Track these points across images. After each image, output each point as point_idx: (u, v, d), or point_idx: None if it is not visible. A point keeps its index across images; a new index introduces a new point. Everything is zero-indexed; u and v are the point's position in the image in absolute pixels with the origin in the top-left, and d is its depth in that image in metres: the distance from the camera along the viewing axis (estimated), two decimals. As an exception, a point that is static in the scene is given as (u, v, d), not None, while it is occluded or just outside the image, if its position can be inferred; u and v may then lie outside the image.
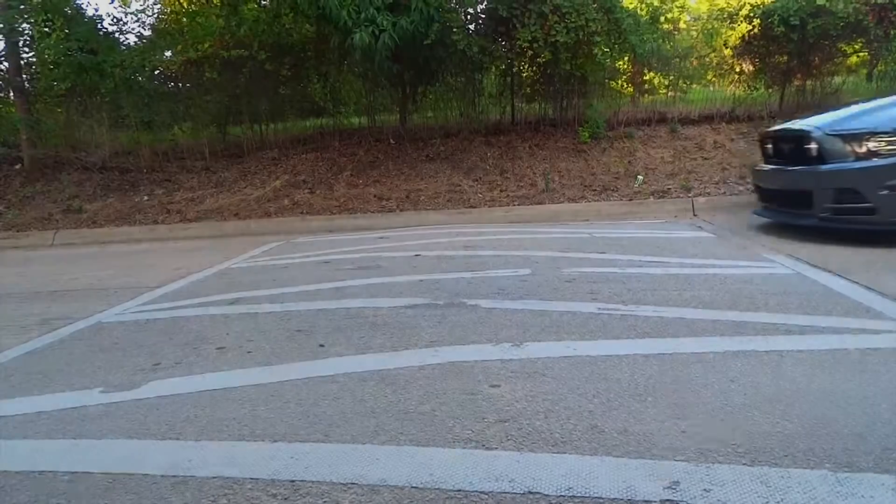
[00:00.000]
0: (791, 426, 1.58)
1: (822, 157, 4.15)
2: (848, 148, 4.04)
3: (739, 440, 1.51)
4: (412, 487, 1.39)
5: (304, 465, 1.52)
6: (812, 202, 4.18)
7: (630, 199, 6.48)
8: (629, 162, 7.28)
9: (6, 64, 9.28)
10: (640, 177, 6.92)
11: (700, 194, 6.48)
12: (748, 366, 2.00)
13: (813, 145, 4.20)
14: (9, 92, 9.62)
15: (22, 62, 9.41)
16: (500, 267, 3.67)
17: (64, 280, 4.43)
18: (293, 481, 1.45)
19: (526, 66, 8.29)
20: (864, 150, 4.00)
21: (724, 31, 8.81)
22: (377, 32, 6.69)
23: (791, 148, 4.51)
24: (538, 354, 2.20)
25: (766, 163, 4.91)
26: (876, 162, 3.96)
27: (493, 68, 8.36)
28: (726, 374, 1.94)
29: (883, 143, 3.95)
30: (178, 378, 2.21)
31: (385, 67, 7.34)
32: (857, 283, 2.97)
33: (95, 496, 1.43)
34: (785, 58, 8.03)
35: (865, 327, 2.32)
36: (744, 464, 1.41)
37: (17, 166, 8.98)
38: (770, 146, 4.86)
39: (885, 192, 3.92)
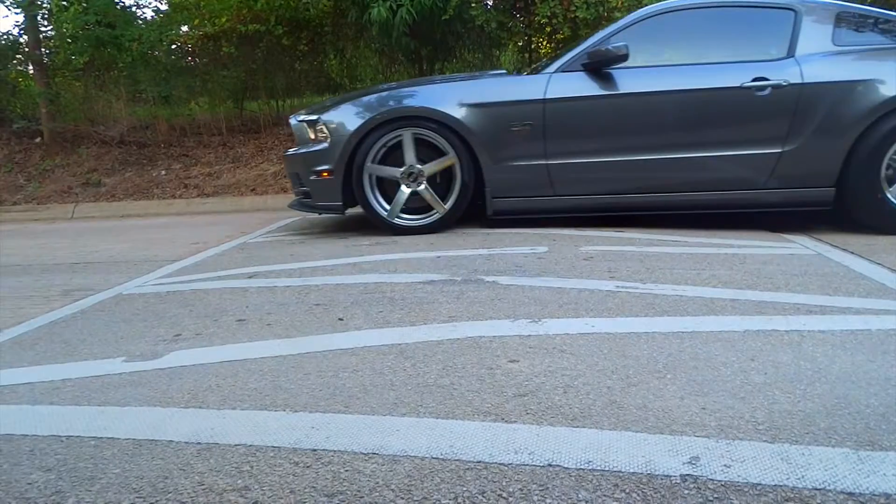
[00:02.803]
0: (812, 405, 1.57)
1: (295, 142, 4.44)
2: (308, 134, 4.28)
3: (760, 418, 1.51)
4: (432, 458, 1.40)
5: (325, 435, 1.53)
6: (294, 185, 4.52)
7: (648, 179, 6.42)
8: (648, 141, 7.20)
9: (26, 37, 9.32)
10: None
11: (719, 174, 6.40)
12: (768, 345, 1.99)
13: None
14: (28, 65, 9.66)
15: (41, 36, 9.44)
16: (517, 244, 3.66)
17: (84, 252, 4.48)
18: (315, 450, 1.46)
19: (544, 43, 8.20)
20: (313, 136, 4.30)
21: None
22: (395, 7, 6.64)
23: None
24: (556, 331, 2.20)
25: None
26: (312, 148, 4.27)
27: (511, 45, 8.29)
28: (746, 352, 1.93)
29: (322, 131, 4.27)
30: (199, 349, 2.24)
31: (402, 43, 7.29)
32: (880, 264, 2.94)
33: (122, 461, 1.46)
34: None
35: (889, 308, 2.30)
36: (764, 441, 1.41)
37: (37, 139, 9.05)
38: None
39: (313, 177, 4.25)
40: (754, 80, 3.87)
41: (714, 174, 4.00)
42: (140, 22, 9.59)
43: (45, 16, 9.46)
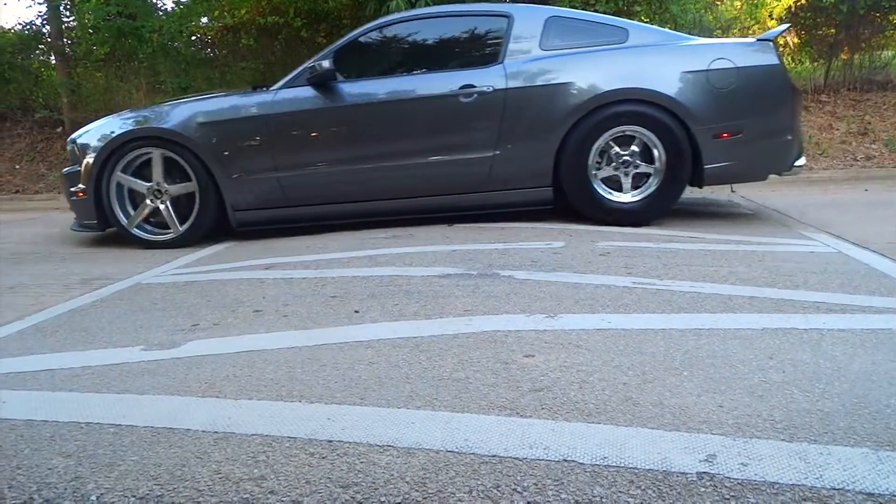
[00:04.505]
0: (831, 404, 1.56)
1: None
2: (77, 153, 4.39)
3: (778, 416, 1.50)
4: (447, 451, 1.41)
5: (340, 427, 1.54)
6: None
7: (666, 174, 6.37)
8: (666, 136, 7.14)
9: (48, 28, 9.41)
10: (677, 151, 6.79)
11: (739, 170, 6.34)
12: (787, 343, 1.97)
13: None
14: (50, 56, 9.76)
15: (63, 26, 9.53)
16: (534, 239, 3.65)
17: (103, 241, 4.53)
18: (330, 441, 1.47)
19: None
20: (72, 156, 4.45)
21: (769, 0, 8.55)
22: (413, 0, 6.62)
23: None
24: (572, 326, 2.19)
25: None
26: (72, 168, 4.40)
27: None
28: (764, 350, 1.92)
29: (74, 152, 4.42)
30: (216, 339, 2.26)
31: (420, 36, 7.27)
32: (901, 263, 2.90)
33: (140, 448, 1.48)
34: (832, 30, 7.78)
35: (910, 308, 2.27)
36: (782, 440, 1.39)
37: (59, 129, 9.15)
38: None
39: (73, 197, 4.38)
40: (462, 87, 4.03)
41: (438, 179, 4.15)
42: (160, 13, 9.66)
43: (68, 6, 9.56)
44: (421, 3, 6.59)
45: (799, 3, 7.88)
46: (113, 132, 4.21)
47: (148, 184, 4.21)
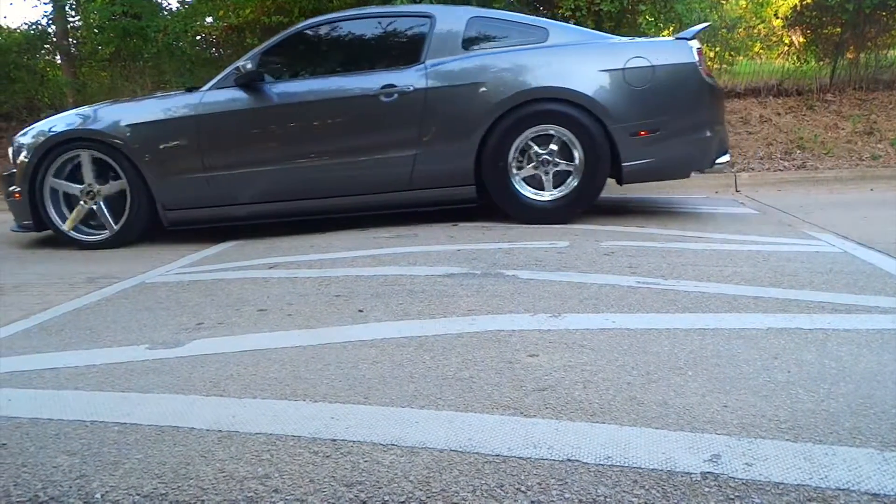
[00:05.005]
0: (836, 404, 1.55)
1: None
2: (15, 153, 4.39)
3: (782, 416, 1.49)
4: (451, 451, 1.41)
5: (344, 426, 1.54)
6: None
7: (671, 174, 6.35)
8: (671, 135, 7.13)
9: (54, 27, 9.44)
10: (681, 151, 6.78)
11: (743, 170, 6.34)
12: (792, 343, 1.96)
13: None
14: (56, 55, 9.79)
15: (69, 26, 9.56)
16: (538, 238, 3.65)
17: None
18: (334, 440, 1.47)
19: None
20: (11, 157, 4.44)
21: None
22: (419, 0, 6.62)
23: None
24: (576, 326, 2.19)
25: None
26: (10, 170, 4.45)
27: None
28: (769, 350, 1.91)
29: (12, 153, 4.43)
30: (220, 338, 2.26)
31: (425, 35, 7.27)
32: (907, 263, 2.89)
33: (145, 446, 1.48)
34: (838, 29, 7.74)
35: (916, 308, 2.26)
36: (787, 440, 1.39)
37: (64, 129, 9.16)
38: None
39: (10, 198, 4.43)
40: (383, 87, 4.09)
41: (364, 178, 4.18)
42: (165, 13, 9.67)
43: (73, 6, 9.59)
44: (425, 3, 6.58)
45: (805, 2, 7.85)
46: (46, 133, 4.27)
47: (80, 186, 4.26)
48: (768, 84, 8.04)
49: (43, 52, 10.11)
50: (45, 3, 9.46)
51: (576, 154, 4.00)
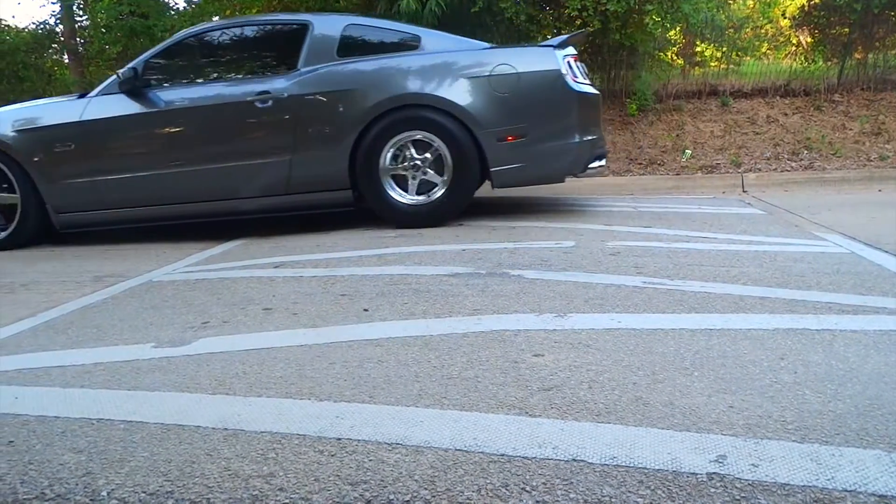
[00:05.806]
0: (843, 405, 1.54)
1: None
2: None
3: (789, 417, 1.49)
4: (456, 450, 1.41)
5: (349, 425, 1.54)
6: None
7: (677, 174, 6.35)
8: (677, 136, 7.12)
9: (62, 27, 9.48)
10: (687, 151, 6.77)
11: (750, 170, 6.33)
12: (798, 344, 1.96)
13: None
14: (64, 54, 9.83)
15: (76, 26, 9.59)
16: (543, 238, 3.64)
17: (115, 239, 4.55)
18: (339, 439, 1.47)
19: (574, 36, 8.11)
20: None
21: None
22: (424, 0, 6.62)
23: None
24: (582, 326, 2.19)
25: None
26: None
27: (541, 38, 8.21)
28: (776, 351, 1.90)
29: None
30: (226, 336, 2.27)
31: (430, 35, 7.27)
32: (915, 264, 2.87)
33: (151, 444, 1.49)
34: (846, 29, 7.70)
35: (924, 309, 2.25)
36: (793, 441, 1.38)
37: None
38: None
39: None
40: (259, 93, 4.17)
41: (244, 182, 4.26)
42: (172, 12, 9.71)
43: (81, 6, 9.63)
44: (431, 3, 6.58)
45: (813, 2, 7.82)
46: None
47: None
48: (776, 84, 8.00)
49: (51, 51, 10.17)
50: (53, 3, 9.51)
51: (444, 158, 4.07)
